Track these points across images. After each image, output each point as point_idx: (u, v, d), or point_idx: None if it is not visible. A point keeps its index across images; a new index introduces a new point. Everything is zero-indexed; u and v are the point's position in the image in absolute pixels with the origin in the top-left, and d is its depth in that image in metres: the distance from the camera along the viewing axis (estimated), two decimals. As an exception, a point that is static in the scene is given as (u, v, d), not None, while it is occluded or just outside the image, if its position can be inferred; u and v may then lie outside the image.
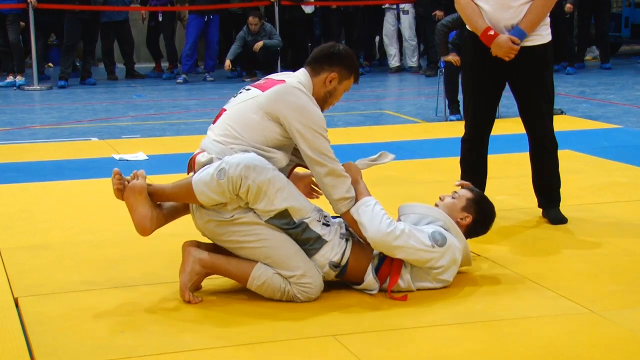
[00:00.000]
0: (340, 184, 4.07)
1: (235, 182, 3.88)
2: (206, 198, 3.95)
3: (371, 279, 4.08)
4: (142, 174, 4.13)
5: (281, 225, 3.98)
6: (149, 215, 4.09)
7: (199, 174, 3.98)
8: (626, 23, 16.19)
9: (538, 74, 5.19)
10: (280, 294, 4.00)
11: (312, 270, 4.01)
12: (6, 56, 13.75)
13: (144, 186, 4.08)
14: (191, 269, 4.06)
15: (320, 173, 4.06)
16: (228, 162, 3.91)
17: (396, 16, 14.72)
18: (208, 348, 3.56)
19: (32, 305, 4.05)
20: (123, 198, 4.11)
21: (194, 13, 13.88)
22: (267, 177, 3.91)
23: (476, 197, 4.38)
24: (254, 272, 4.00)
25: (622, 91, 11.91)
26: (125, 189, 4.09)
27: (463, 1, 5.17)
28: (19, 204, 5.99)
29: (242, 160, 3.91)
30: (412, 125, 9.57)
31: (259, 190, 3.90)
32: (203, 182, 3.94)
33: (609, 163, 6.96)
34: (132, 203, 4.08)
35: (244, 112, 4.11)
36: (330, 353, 3.51)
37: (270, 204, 3.93)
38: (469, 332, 3.70)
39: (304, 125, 4.02)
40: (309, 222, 4.01)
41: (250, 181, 3.88)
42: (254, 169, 3.89)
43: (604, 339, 3.61)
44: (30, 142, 8.77)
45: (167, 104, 11.84)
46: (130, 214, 4.11)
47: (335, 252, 4.05)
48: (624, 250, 4.76)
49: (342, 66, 4.23)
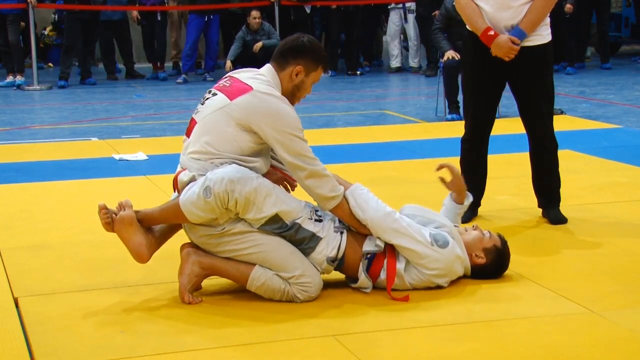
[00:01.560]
0: (324, 184, 4.04)
1: (222, 198, 3.87)
2: (196, 217, 3.95)
3: (364, 278, 4.08)
4: (128, 204, 4.09)
5: (274, 230, 3.98)
6: (144, 242, 4.07)
7: (185, 195, 3.96)
8: (626, 23, 16.19)
9: (538, 74, 5.18)
10: (280, 294, 4.00)
11: (310, 269, 4.01)
12: (6, 56, 13.75)
13: (132, 216, 4.06)
14: (190, 271, 4.05)
15: (302, 177, 4.04)
16: (212, 179, 3.89)
17: (401, 16, 14.72)
18: (208, 348, 3.57)
19: (32, 305, 4.05)
20: (113, 230, 4.09)
21: (194, 13, 13.88)
22: (253, 186, 3.89)
23: (503, 248, 4.29)
24: (253, 273, 4.00)
25: (622, 91, 11.91)
26: (114, 221, 4.06)
27: (463, 1, 5.17)
28: (19, 204, 5.99)
29: (225, 174, 3.88)
30: (412, 125, 9.57)
31: (247, 201, 3.89)
32: (190, 202, 3.93)
33: (609, 163, 6.96)
34: (124, 235, 4.07)
35: (216, 125, 4.05)
36: (330, 353, 3.51)
37: (260, 212, 3.92)
38: (468, 332, 3.70)
39: (278, 132, 3.98)
40: (301, 221, 4.00)
41: (237, 194, 3.87)
42: (238, 182, 3.87)
43: (604, 339, 3.60)
44: (30, 142, 8.77)
45: (167, 104, 11.85)
46: (124, 244, 4.09)
47: (331, 247, 4.04)
48: (624, 250, 4.76)
49: (308, 58, 4.15)
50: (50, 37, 16.65)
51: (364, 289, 4.11)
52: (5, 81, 13.66)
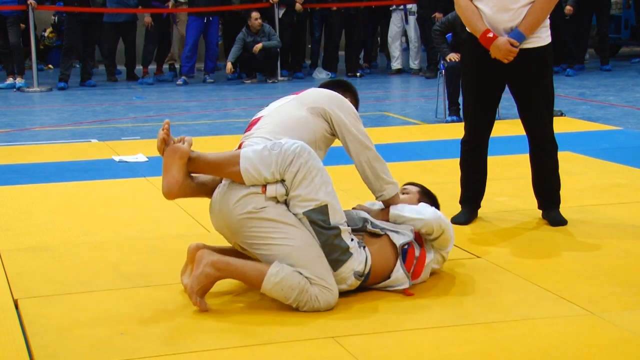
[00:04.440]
0: (385, 169, 4.28)
1: (287, 157, 3.86)
2: (250, 169, 3.88)
3: (401, 274, 4.10)
4: (189, 141, 4.03)
5: (317, 220, 3.91)
6: (180, 180, 4.00)
7: (249, 146, 4.00)
8: (626, 25, 16.19)
9: (537, 76, 5.19)
10: (299, 292, 3.86)
11: (331, 278, 3.95)
12: (6, 58, 13.75)
13: (187, 152, 3.99)
14: (201, 272, 3.93)
15: (370, 157, 4.24)
16: (284, 141, 3.94)
17: (402, 18, 14.72)
18: (208, 350, 3.56)
19: (32, 307, 4.05)
20: (162, 153, 4.02)
21: (194, 15, 13.89)
22: (319, 165, 3.94)
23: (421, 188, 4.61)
24: (272, 268, 3.88)
25: (622, 93, 11.91)
26: (169, 147, 4.00)
27: (462, 3, 5.17)
28: (19, 205, 5.99)
29: (299, 141, 3.95)
30: (412, 126, 9.57)
31: (308, 173, 3.88)
32: (253, 150, 3.92)
33: (608, 165, 6.96)
34: (169, 164, 3.99)
35: (287, 112, 4.20)
36: (330, 354, 3.51)
37: (315, 193, 3.90)
38: (468, 333, 3.70)
39: (345, 114, 4.22)
40: (342, 230, 3.99)
41: (303, 161, 3.87)
42: (309, 153, 3.91)
43: (604, 340, 3.61)
44: (30, 143, 8.77)
45: (167, 105, 11.85)
46: (163, 172, 4.02)
47: (358, 261, 4.03)
48: (624, 252, 4.76)
49: (352, 96, 4.49)
50: (50, 38, 16.66)
51: (397, 286, 4.11)
52: (5, 83, 13.66)
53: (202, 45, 14.39)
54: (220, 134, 9.13)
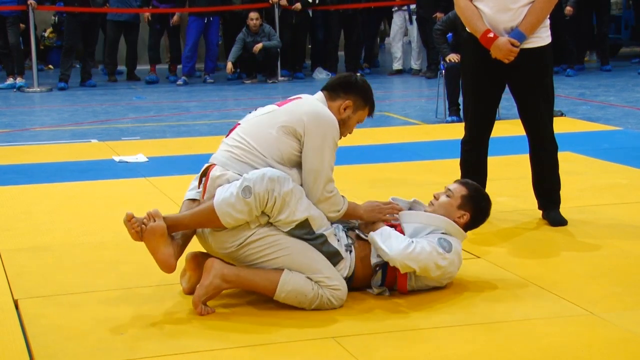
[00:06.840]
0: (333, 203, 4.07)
1: (262, 198, 3.84)
2: (231, 219, 3.89)
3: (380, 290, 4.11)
4: (157, 214, 3.96)
5: (302, 235, 3.94)
6: (171, 253, 3.98)
7: (220, 197, 3.90)
8: (626, 25, 16.19)
9: (537, 76, 5.19)
10: (312, 298, 3.90)
11: (336, 274, 3.98)
12: (6, 58, 13.75)
13: (164, 227, 3.94)
14: (210, 283, 3.92)
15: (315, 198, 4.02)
16: (250, 179, 3.86)
17: (405, 18, 14.72)
18: (208, 350, 3.56)
19: (32, 307, 4.05)
20: (142, 240, 3.96)
21: (194, 15, 13.88)
22: (289, 187, 3.89)
23: (470, 192, 4.32)
24: (283, 277, 3.90)
25: (622, 93, 11.91)
26: (145, 232, 3.93)
27: (462, 3, 5.17)
28: (19, 205, 5.99)
29: (265, 173, 3.88)
30: (413, 127, 9.57)
31: (284, 201, 3.87)
32: (227, 204, 3.87)
33: (609, 165, 6.96)
34: (154, 245, 3.95)
35: (259, 126, 4.11)
36: (330, 355, 3.51)
37: (293, 215, 3.90)
38: (469, 334, 3.70)
39: (318, 131, 4.03)
40: (328, 235, 3.99)
41: (276, 193, 3.85)
42: (277, 181, 3.87)
43: (604, 340, 3.60)
44: (30, 144, 8.77)
45: (167, 105, 11.85)
46: (152, 254, 3.98)
47: (346, 266, 4.05)
48: (624, 252, 4.76)
49: (358, 95, 4.25)
50: (50, 39, 16.65)
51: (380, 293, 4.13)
52: (5, 83, 13.66)
53: (203, 45, 14.40)
54: (220, 134, 9.09)
